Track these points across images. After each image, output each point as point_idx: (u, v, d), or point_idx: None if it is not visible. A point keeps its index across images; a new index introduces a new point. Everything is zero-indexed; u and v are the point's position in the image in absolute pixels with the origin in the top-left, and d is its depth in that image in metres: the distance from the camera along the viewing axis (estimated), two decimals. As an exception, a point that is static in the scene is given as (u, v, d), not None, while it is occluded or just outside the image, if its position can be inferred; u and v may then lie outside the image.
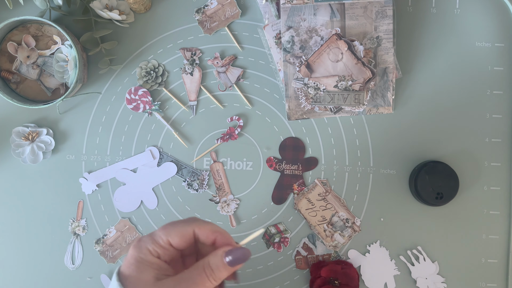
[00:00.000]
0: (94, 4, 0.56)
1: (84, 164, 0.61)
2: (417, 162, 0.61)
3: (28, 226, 0.61)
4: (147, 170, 0.61)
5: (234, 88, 0.61)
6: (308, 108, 0.59)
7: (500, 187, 0.61)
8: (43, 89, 0.59)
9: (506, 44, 0.61)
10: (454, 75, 0.61)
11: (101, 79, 0.61)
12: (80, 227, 0.61)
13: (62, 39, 0.58)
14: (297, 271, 0.61)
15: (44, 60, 0.58)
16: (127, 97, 0.61)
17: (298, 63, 0.58)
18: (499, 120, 0.61)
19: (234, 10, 0.60)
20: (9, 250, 0.61)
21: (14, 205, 0.61)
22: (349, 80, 0.57)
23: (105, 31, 0.58)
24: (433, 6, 0.61)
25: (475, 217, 0.61)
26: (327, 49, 0.57)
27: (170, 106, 0.61)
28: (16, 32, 0.58)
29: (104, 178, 0.61)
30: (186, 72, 0.61)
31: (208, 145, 0.61)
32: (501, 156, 0.61)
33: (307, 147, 0.61)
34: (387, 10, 0.58)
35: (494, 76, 0.61)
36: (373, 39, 0.58)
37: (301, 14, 0.58)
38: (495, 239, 0.60)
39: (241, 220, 0.61)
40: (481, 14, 0.61)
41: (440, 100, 0.61)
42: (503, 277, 0.60)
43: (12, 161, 0.60)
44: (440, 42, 0.61)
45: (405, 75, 0.61)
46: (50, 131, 0.60)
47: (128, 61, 0.61)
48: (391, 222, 0.61)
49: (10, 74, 0.58)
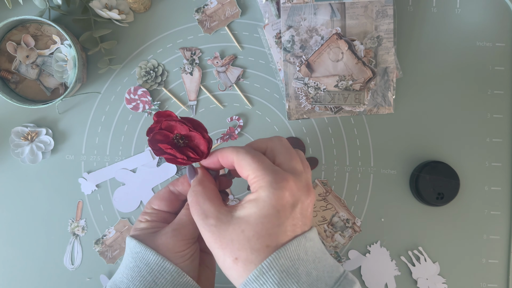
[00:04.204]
0: (93, 3, 0.56)
1: (84, 164, 0.61)
2: (417, 162, 0.60)
3: (27, 227, 0.60)
4: (147, 170, 0.61)
5: (234, 88, 0.61)
6: (308, 108, 0.59)
7: (501, 187, 0.61)
8: (42, 89, 0.59)
9: (507, 44, 0.61)
10: (455, 74, 0.61)
11: (101, 78, 0.61)
12: (80, 228, 0.61)
13: (61, 38, 0.58)
14: (297, 272, 0.60)
15: (44, 59, 0.58)
16: (126, 97, 0.60)
17: (298, 63, 0.58)
18: (500, 120, 0.61)
19: (234, 10, 0.60)
20: (8, 250, 0.60)
21: (13, 205, 0.61)
22: (350, 79, 0.57)
23: (105, 30, 0.58)
24: (434, 5, 0.61)
25: (476, 218, 0.61)
26: (327, 49, 0.56)
27: (170, 106, 0.61)
28: (15, 32, 0.58)
29: (103, 178, 0.61)
30: (186, 71, 0.61)
31: (208, 145, 0.61)
32: (502, 156, 0.61)
33: (307, 147, 0.61)
34: (388, 10, 0.57)
35: (495, 76, 0.61)
36: (373, 38, 0.58)
37: (301, 13, 0.58)
38: (496, 239, 0.60)
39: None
40: (482, 14, 0.61)
41: (441, 100, 0.61)
42: (504, 277, 0.60)
43: (12, 161, 0.60)
44: (441, 41, 0.61)
45: (406, 75, 0.61)
46: (49, 131, 0.60)
47: (127, 61, 0.61)
48: (392, 223, 0.60)
49: (9, 74, 0.58)
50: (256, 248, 0.36)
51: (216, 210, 0.39)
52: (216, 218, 0.38)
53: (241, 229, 0.37)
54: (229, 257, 0.37)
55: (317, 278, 0.37)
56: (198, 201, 0.40)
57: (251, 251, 0.36)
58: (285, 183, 0.37)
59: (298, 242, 0.37)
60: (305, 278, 0.36)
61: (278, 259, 0.36)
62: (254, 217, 0.37)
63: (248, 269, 0.36)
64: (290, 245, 0.36)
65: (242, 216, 0.37)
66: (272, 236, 0.36)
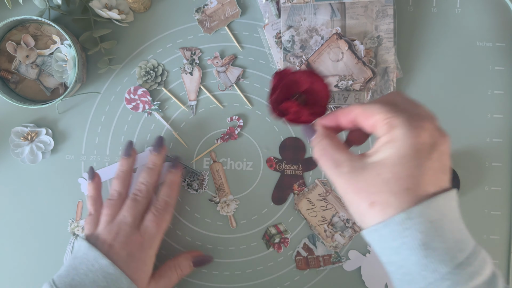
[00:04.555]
0: (93, 3, 0.56)
1: (84, 164, 0.61)
2: (417, 162, 0.60)
3: (27, 227, 0.60)
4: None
5: (234, 88, 0.61)
6: (308, 108, 0.59)
7: (501, 187, 0.61)
8: (42, 89, 0.59)
9: (507, 44, 0.61)
10: (455, 74, 0.61)
11: (101, 78, 0.61)
12: (80, 228, 0.61)
13: (61, 38, 0.58)
14: (298, 272, 0.60)
15: (43, 59, 0.58)
16: (126, 97, 0.60)
17: (299, 63, 0.58)
18: (500, 120, 0.61)
19: (234, 10, 0.60)
20: (8, 251, 0.60)
21: (13, 206, 0.60)
22: (350, 79, 0.57)
23: (105, 30, 0.58)
24: (434, 5, 0.61)
25: (476, 217, 0.60)
26: (327, 49, 0.56)
27: (170, 106, 0.61)
28: (15, 32, 0.58)
29: (103, 178, 0.61)
30: (186, 71, 0.61)
31: (208, 145, 0.61)
32: (502, 156, 0.61)
33: (307, 147, 0.61)
34: (388, 10, 0.57)
35: (495, 76, 0.61)
36: (373, 38, 0.58)
37: (301, 13, 0.58)
38: (496, 239, 0.60)
39: (241, 220, 0.61)
40: (482, 14, 0.61)
41: (441, 100, 0.61)
42: (504, 277, 0.60)
43: (11, 161, 0.60)
44: (441, 41, 0.61)
45: (406, 75, 0.61)
46: (49, 131, 0.60)
47: (127, 61, 0.61)
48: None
49: (9, 73, 0.58)
50: (395, 190, 0.35)
51: (348, 158, 0.37)
52: (349, 166, 0.37)
53: (377, 173, 0.35)
54: (364, 201, 0.36)
55: (460, 240, 0.35)
56: (327, 152, 0.39)
57: (390, 194, 0.35)
58: (421, 122, 0.36)
59: (448, 196, 0.36)
60: (450, 235, 0.35)
61: (428, 208, 0.34)
62: (392, 158, 0.35)
63: (386, 212, 0.35)
64: (440, 198, 0.35)
65: (378, 160, 0.36)
66: (412, 178, 0.35)
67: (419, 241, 0.34)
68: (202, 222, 0.61)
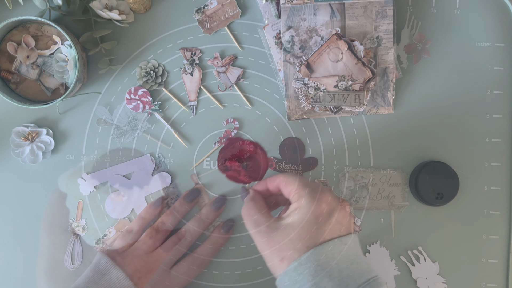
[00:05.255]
0: (93, 4, 0.56)
1: (84, 164, 0.61)
2: (417, 162, 0.61)
3: (27, 227, 0.61)
4: (141, 178, 0.60)
5: (234, 88, 0.61)
6: (308, 108, 0.59)
7: (500, 187, 0.61)
8: (43, 89, 0.59)
9: (506, 44, 0.61)
10: (454, 75, 0.61)
11: (101, 79, 0.61)
12: (80, 227, 0.61)
13: (61, 39, 0.58)
14: (297, 272, 0.60)
15: (44, 60, 0.58)
16: (127, 97, 0.60)
17: (298, 63, 0.58)
18: (499, 120, 0.61)
19: (234, 10, 0.60)
20: (9, 250, 0.60)
21: (14, 205, 0.61)
22: (349, 80, 0.57)
23: (105, 31, 0.58)
24: (433, 6, 0.61)
25: (475, 217, 0.61)
26: (327, 49, 0.57)
27: (170, 106, 0.61)
28: (15, 32, 0.58)
29: (103, 179, 0.61)
30: (186, 72, 0.61)
31: (208, 145, 0.61)
32: (502, 156, 0.61)
33: (307, 147, 0.61)
34: (387, 10, 0.57)
35: (494, 76, 0.61)
36: (373, 39, 0.58)
37: (301, 14, 0.58)
38: (495, 239, 0.60)
39: (241, 220, 0.61)
40: (481, 14, 0.61)
41: (440, 100, 0.61)
42: (503, 277, 0.60)
43: (12, 161, 0.60)
44: (440, 42, 0.61)
45: (405, 75, 0.61)
46: (50, 131, 0.60)
47: (128, 61, 0.61)
48: (392, 223, 0.61)
49: (10, 74, 0.58)
50: (298, 248, 0.43)
51: (266, 219, 0.46)
52: (266, 226, 0.45)
53: (287, 233, 0.44)
54: (276, 257, 0.44)
55: (348, 276, 0.42)
56: (251, 213, 0.47)
57: (294, 251, 0.43)
58: (322, 195, 0.45)
59: (333, 243, 0.43)
60: (337, 274, 0.42)
61: (315, 254, 0.43)
62: (298, 222, 0.44)
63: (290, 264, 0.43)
64: (326, 245, 0.43)
65: (287, 223, 0.45)
66: (312, 238, 0.43)
67: (311, 283, 0.42)
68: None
